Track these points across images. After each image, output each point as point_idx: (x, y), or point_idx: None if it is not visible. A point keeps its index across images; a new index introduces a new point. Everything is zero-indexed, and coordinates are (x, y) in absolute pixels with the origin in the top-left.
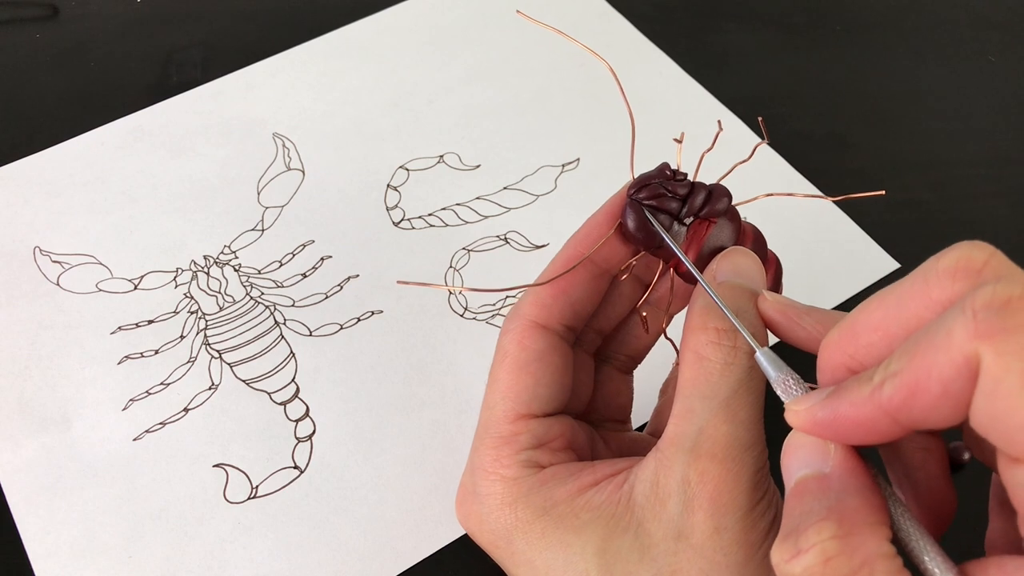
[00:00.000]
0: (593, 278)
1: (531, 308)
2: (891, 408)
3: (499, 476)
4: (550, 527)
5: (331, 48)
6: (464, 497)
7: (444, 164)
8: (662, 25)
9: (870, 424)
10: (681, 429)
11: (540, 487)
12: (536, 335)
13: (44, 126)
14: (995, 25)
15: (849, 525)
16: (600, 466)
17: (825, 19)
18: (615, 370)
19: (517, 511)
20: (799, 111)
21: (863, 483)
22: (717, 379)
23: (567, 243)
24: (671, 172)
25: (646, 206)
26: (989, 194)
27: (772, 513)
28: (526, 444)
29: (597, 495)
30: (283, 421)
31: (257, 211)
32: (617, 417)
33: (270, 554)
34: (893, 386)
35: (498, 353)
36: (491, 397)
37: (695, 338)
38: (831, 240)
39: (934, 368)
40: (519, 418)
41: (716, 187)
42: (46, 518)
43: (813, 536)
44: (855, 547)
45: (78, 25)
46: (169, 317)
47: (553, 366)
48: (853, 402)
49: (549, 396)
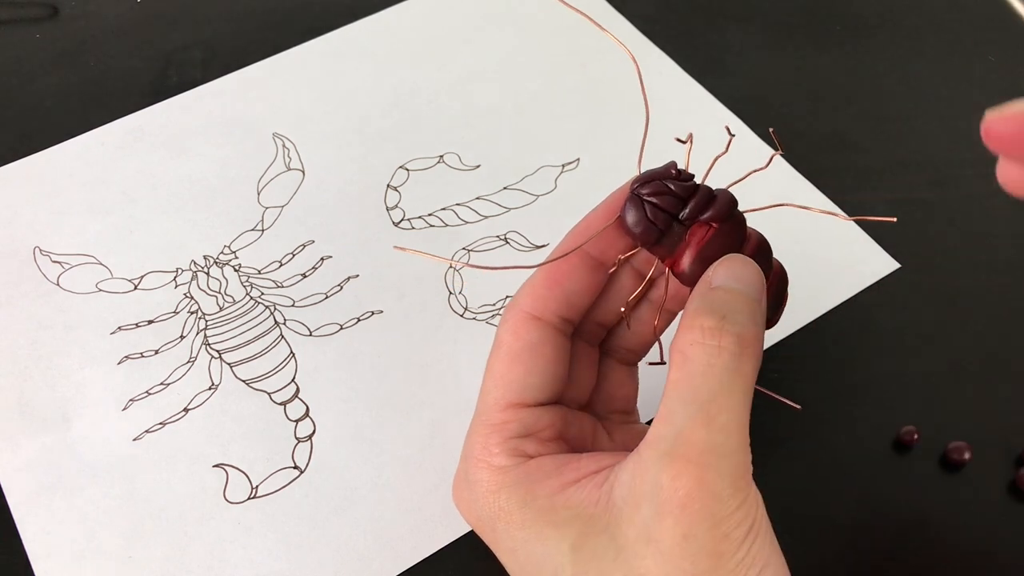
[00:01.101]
0: (590, 270)
1: (526, 299)
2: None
3: (486, 464)
4: (529, 519)
5: (331, 48)
6: (458, 482)
7: (444, 164)
8: (662, 25)
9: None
10: (660, 431)
11: (524, 479)
12: (530, 325)
13: (44, 126)
14: (995, 25)
15: None
16: (585, 461)
17: (825, 19)
18: (618, 363)
19: (500, 500)
20: (799, 111)
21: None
22: (699, 381)
23: (567, 235)
24: (677, 172)
25: (647, 201)
26: (989, 194)
27: (748, 523)
28: (514, 432)
29: (577, 493)
30: (283, 421)
31: (257, 211)
32: (621, 409)
33: (270, 554)
34: None
35: (494, 343)
36: (486, 385)
37: (682, 336)
38: (831, 240)
39: None
40: (509, 406)
41: (721, 192)
42: (46, 518)
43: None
44: None
45: (78, 25)
46: (169, 317)
47: (546, 356)
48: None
49: (541, 385)
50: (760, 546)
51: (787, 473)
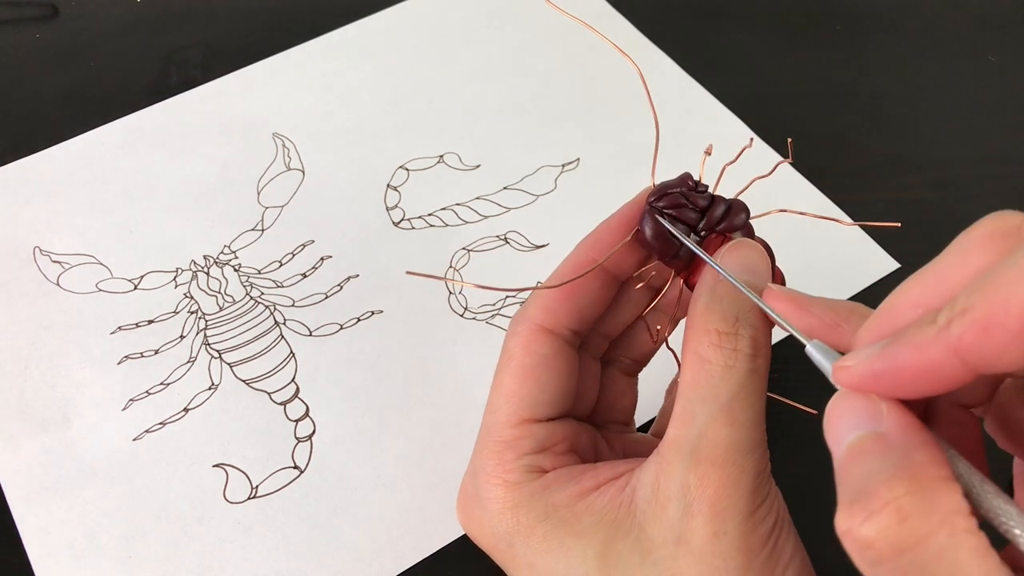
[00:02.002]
0: (603, 284)
1: (538, 312)
2: (962, 348)
3: (501, 480)
4: (551, 531)
5: (331, 48)
6: (465, 500)
7: (444, 164)
8: (662, 25)
9: (936, 369)
10: (681, 432)
11: (542, 491)
12: (542, 339)
13: (44, 126)
14: (995, 25)
15: (922, 481)
16: (602, 469)
17: (825, 19)
18: (620, 373)
19: (519, 515)
20: (799, 111)
21: (925, 438)
22: (718, 382)
23: (577, 247)
24: (693, 183)
25: (666, 215)
26: (989, 194)
27: (773, 517)
28: (529, 448)
29: (599, 499)
30: (283, 421)
31: (257, 211)
32: (620, 419)
33: (270, 554)
34: (963, 324)
35: (503, 356)
36: (495, 400)
37: (696, 340)
38: (831, 240)
39: (1012, 301)
40: (522, 422)
41: (735, 202)
42: (46, 518)
43: (885, 494)
44: (931, 503)
45: (78, 25)
46: (169, 317)
47: (558, 371)
48: (918, 345)
49: (553, 401)
50: (786, 539)
51: (788, 473)
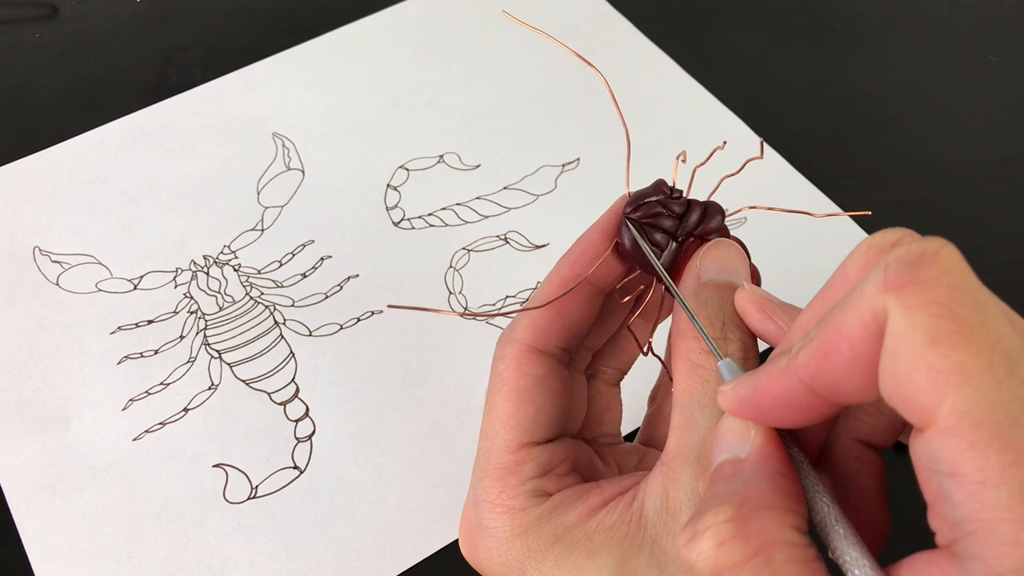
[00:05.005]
0: (589, 298)
1: (527, 332)
2: (805, 375)
3: (506, 507)
4: (564, 554)
5: (331, 48)
6: (469, 531)
7: (444, 164)
8: (662, 25)
9: (788, 397)
10: (684, 440)
11: (550, 514)
12: (534, 360)
13: (44, 126)
14: (995, 25)
15: (749, 508)
16: (607, 485)
17: (825, 19)
18: (604, 384)
19: (528, 541)
20: (799, 111)
21: (776, 468)
22: (714, 386)
23: (560, 262)
24: (668, 189)
25: (643, 225)
26: (989, 194)
27: None
28: (532, 473)
29: (608, 516)
30: (283, 421)
31: (257, 211)
32: (608, 431)
33: (270, 554)
34: (807, 352)
35: (494, 379)
36: (491, 426)
37: (687, 345)
38: (830, 240)
39: (843, 327)
40: (522, 447)
41: (710, 204)
42: (46, 518)
43: (709, 519)
44: (752, 532)
45: (78, 25)
46: (169, 317)
47: (553, 391)
48: (770, 374)
49: (551, 422)
50: None
51: None
